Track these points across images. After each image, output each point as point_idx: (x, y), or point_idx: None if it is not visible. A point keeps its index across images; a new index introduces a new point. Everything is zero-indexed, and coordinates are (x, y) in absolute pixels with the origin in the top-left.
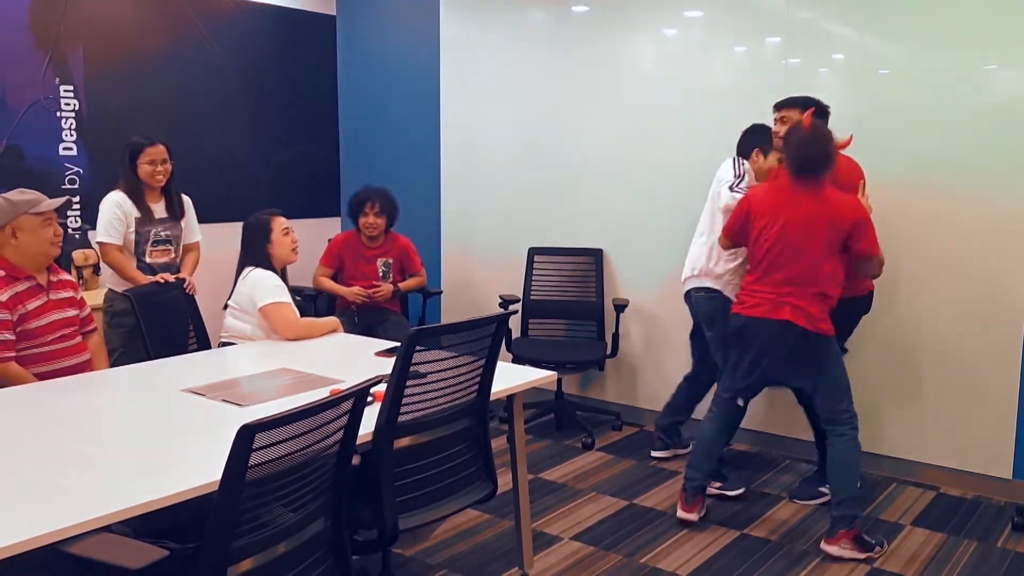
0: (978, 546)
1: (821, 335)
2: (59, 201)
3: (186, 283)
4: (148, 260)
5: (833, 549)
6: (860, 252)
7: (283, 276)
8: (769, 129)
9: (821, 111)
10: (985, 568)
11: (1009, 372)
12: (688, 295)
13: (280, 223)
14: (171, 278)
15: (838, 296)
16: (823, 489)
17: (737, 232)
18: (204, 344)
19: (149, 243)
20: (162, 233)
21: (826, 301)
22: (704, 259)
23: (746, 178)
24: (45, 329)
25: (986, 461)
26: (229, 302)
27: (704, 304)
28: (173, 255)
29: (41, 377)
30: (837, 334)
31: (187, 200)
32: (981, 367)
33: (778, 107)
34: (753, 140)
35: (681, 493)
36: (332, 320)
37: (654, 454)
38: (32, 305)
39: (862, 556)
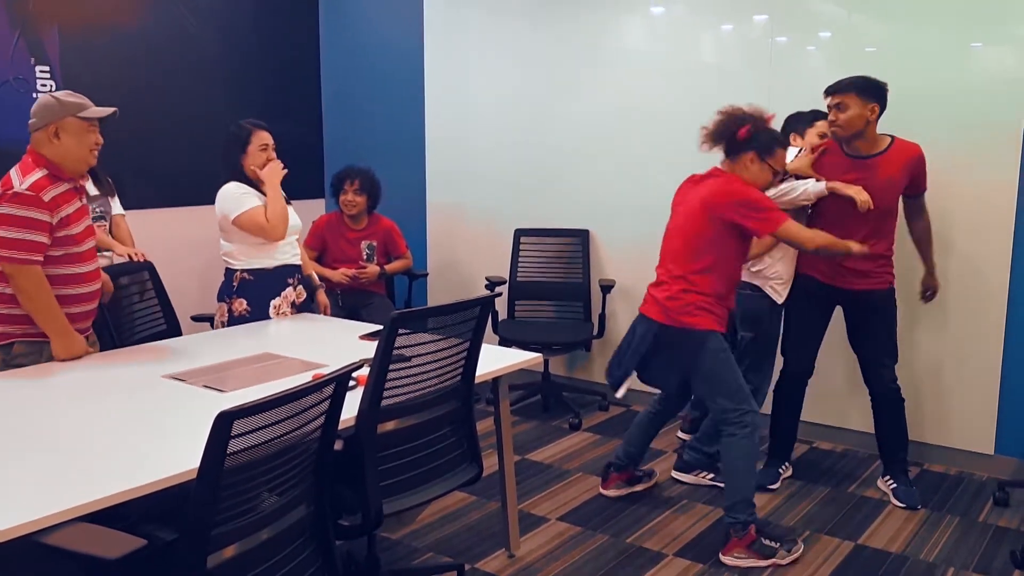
0: (960, 521)
1: (684, 329)
2: (109, 110)
3: (136, 255)
4: None
5: (727, 559)
6: (753, 233)
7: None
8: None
9: (879, 88)
10: (967, 543)
11: (991, 348)
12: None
13: (261, 137)
14: (140, 256)
15: (722, 290)
16: (781, 469)
17: None
18: (173, 325)
19: None
20: (97, 210)
21: (695, 290)
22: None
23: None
24: (82, 236)
25: (968, 437)
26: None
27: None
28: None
29: (76, 279)
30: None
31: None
32: (964, 343)
33: (830, 92)
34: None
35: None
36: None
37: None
38: (70, 209)
39: (764, 563)
